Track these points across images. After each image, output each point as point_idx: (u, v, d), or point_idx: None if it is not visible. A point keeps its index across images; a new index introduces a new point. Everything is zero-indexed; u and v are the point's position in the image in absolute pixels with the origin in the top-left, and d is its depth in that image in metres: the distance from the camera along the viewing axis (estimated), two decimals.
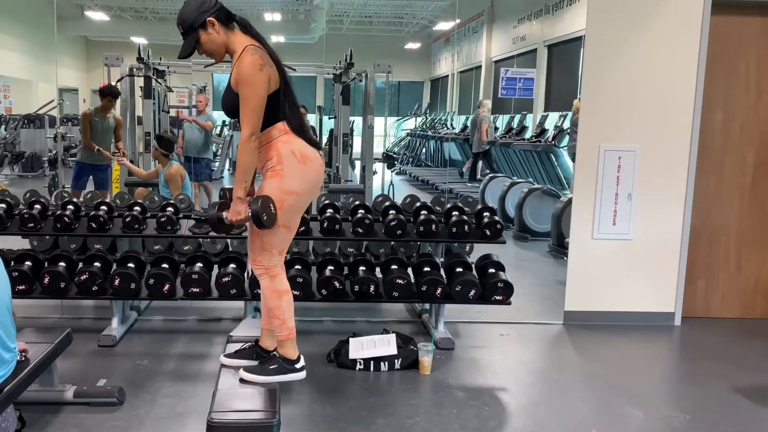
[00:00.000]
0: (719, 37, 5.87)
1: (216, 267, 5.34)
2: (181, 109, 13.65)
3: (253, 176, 3.37)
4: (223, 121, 16.82)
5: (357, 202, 5.55)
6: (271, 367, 3.56)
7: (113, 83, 8.32)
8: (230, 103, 3.31)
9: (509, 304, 5.23)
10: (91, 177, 8.64)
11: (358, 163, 9.85)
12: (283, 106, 3.36)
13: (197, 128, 9.83)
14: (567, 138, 10.22)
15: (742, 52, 6.00)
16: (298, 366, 3.62)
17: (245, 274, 5.09)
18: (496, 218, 5.38)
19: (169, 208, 5.45)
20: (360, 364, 4.76)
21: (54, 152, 10.64)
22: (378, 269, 5.48)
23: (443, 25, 19.77)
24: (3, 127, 15.65)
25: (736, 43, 5.98)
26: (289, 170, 3.28)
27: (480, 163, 13.83)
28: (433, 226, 5.27)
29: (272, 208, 3.23)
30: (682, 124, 5.84)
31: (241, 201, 3.28)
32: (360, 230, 5.26)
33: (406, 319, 6.00)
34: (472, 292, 5.14)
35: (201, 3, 3.31)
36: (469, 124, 15.46)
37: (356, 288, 5.11)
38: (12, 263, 5.08)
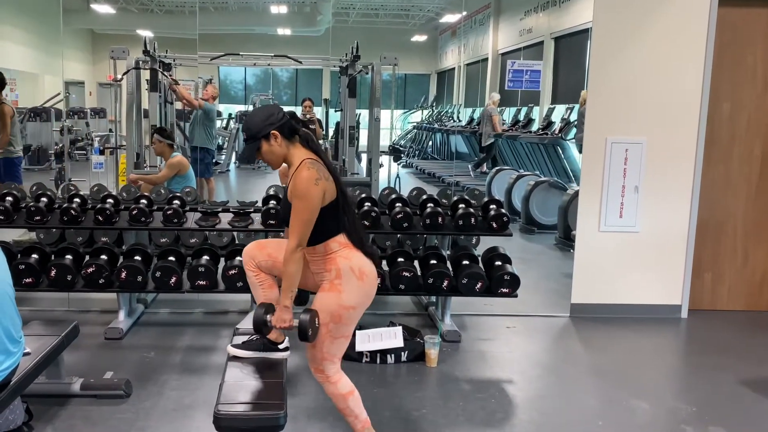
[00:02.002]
0: (726, 29, 5.84)
1: (222, 260, 5.35)
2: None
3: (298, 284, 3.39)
4: (230, 114, 16.84)
5: (363, 195, 5.54)
6: None
7: (119, 76, 8.32)
8: (286, 212, 3.34)
9: (516, 296, 5.23)
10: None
11: (364, 156, 9.85)
12: (342, 217, 3.38)
13: (199, 118, 9.81)
14: (574, 130, 10.19)
15: (749, 44, 5.97)
16: None
17: None
18: (503, 211, 5.37)
19: (176, 201, 5.45)
20: (366, 357, 4.77)
21: (60, 145, 10.65)
22: (384, 262, 5.48)
23: (450, 18, 19.74)
24: None
25: (743, 35, 5.95)
26: (347, 286, 3.31)
27: (489, 156, 13.83)
28: (440, 219, 5.26)
29: (317, 322, 3.27)
30: (689, 116, 5.82)
31: (287, 309, 3.31)
32: (366, 223, 5.25)
33: (412, 311, 6.01)
34: (479, 285, 5.13)
35: (269, 115, 3.35)
36: (476, 117, 15.44)
37: None
38: (19, 256, 5.09)
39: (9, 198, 5.28)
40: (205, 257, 5.19)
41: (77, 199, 5.36)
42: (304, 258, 3.37)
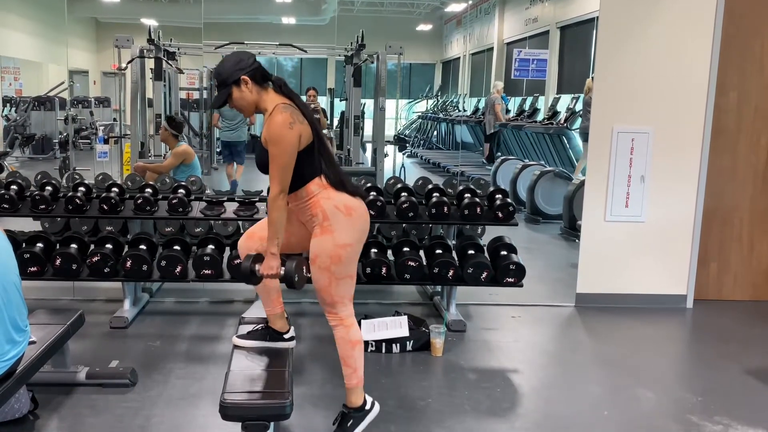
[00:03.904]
0: (734, 18, 5.81)
1: (228, 249, 5.34)
2: (192, 91, 13.66)
3: (283, 231, 3.38)
4: None
5: (369, 185, 5.53)
6: (350, 425, 3.55)
7: (123, 65, 8.31)
8: (262, 159, 3.33)
9: (521, 286, 5.22)
10: None
11: (369, 146, 9.84)
12: (318, 161, 3.36)
13: (229, 116, 10.27)
14: (579, 120, 10.17)
15: (757, 33, 5.94)
16: (368, 407, 3.62)
17: None
18: (509, 200, 5.35)
19: (181, 190, 5.44)
20: (372, 346, 4.77)
21: (65, 134, 10.65)
22: (390, 251, 5.47)
23: (455, 7, 19.68)
24: (13, 109, 15.67)
25: (750, 24, 5.92)
26: (337, 225, 3.29)
27: (493, 144, 13.80)
28: (445, 209, 5.25)
29: (305, 270, 3.27)
30: (696, 105, 5.80)
31: (274, 257, 3.30)
32: (372, 212, 5.23)
33: (417, 301, 6.00)
34: (484, 275, 5.12)
35: (238, 60, 3.32)
36: (481, 107, 15.41)
37: (368, 270, 5.10)
38: (24, 245, 5.09)
39: (14, 187, 5.28)
40: (210, 246, 5.18)
41: (82, 188, 5.35)
42: (289, 216, 3.37)
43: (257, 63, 3.34)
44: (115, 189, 5.37)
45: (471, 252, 5.27)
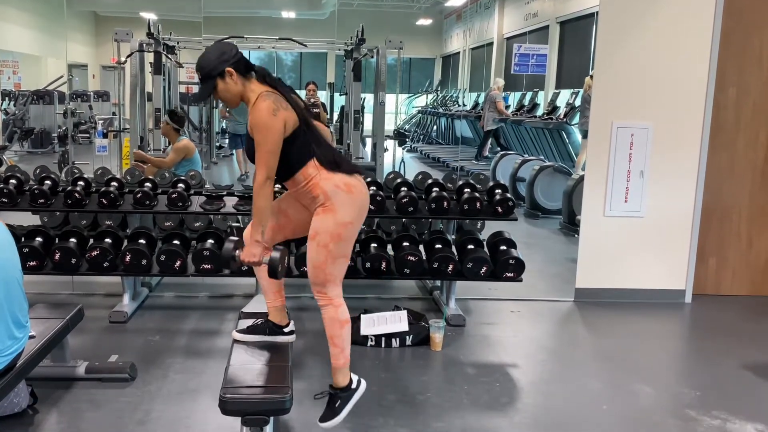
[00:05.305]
0: (733, 13, 5.81)
1: None
2: (191, 85, 13.64)
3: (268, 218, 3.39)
4: None
5: (368, 179, 5.53)
6: (338, 405, 3.55)
7: (123, 59, 8.30)
8: (250, 147, 3.34)
9: (520, 281, 5.22)
10: None
11: (369, 141, 9.84)
12: (308, 144, 3.36)
13: (238, 108, 10.87)
14: (578, 115, 10.16)
15: (756, 28, 5.94)
16: (354, 386, 3.62)
17: None
18: (508, 195, 5.35)
19: (180, 185, 5.44)
20: (371, 341, 4.77)
21: (64, 128, 10.65)
22: (389, 246, 5.47)
23: (455, 1, 19.63)
24: (12, 103, 15.65)
25: (750, 19, 5.92)
26: (338, 203, 3.31)
27: (489, 142, 13.81)
28: (445, 203, 5.25)
29: (287, 261, 3.27)
30: (696, 101, 5.80)
31: (257, 244, 3.31)
32: (371, 207, 5.23)
33: (417, 296, 6.00)
34: (484, 269, 5.13)
35: (221, 53, 3.32)
36: (480, 102, 15.40)
37: (367, 265, 5.10)
38: (23, 239, 5.09)
39: (12, 181, 5.27)
40: (210, 241, 5.17)
41: (81, 182, 5.35)
42: (292, 200, 3.42)
43: (240, 54, 3.35)
44: (114, 183, 5.37)
45: (470, 247, 5.27)
